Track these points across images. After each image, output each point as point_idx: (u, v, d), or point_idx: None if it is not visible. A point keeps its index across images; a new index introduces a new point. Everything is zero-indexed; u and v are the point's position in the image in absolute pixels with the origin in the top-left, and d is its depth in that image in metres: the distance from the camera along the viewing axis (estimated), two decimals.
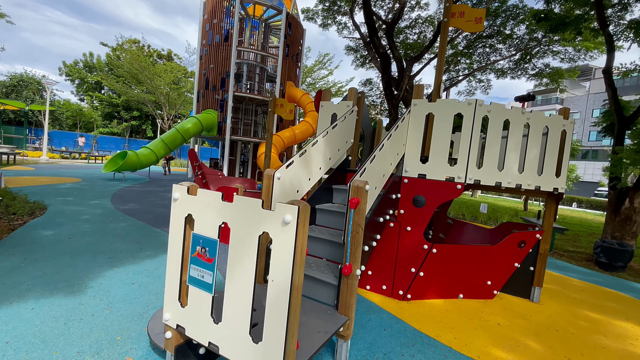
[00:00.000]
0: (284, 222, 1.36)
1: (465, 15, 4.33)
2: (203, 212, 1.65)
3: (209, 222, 1.63)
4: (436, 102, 3.24)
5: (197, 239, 1.68)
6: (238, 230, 1.53)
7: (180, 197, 1.76)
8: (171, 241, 1.81)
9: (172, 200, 1.80)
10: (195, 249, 1.69)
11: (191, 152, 6.86)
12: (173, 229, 1.80)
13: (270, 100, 5.84)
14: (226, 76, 14.41)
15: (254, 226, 1.46)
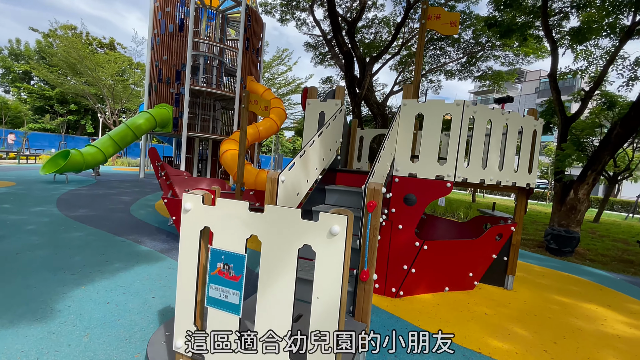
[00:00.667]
0: (331, 233, 1.26)
1: (441, 18, 4.48)
2: (225, 225, 1.48)
3: (234, 236, 1.46)
4: (426, 103, 3.30)
5: (217, 255, 1.50)
6: (271, 244, 1.39)
7: (194, 207, 1.55)
8: (182, 258, 1.60)
9: (183, 211, 1.58)
10: (216, 266, 1.51)
11: (152, 150, 6.28)
12: (184, 244, 1.59)
13: (244, 96, 5.55)
14: (182, 68, 13.50)
15: (292, 239, 1.33)
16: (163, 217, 6.44)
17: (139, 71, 27.23)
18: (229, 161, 11.41)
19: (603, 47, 11.23)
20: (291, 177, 2.54)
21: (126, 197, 8.37)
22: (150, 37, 13.93)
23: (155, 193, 9.74)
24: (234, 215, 1.45)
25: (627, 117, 5.84)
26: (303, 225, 1.31)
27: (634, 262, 6.47)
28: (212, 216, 1.50)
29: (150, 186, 11.40)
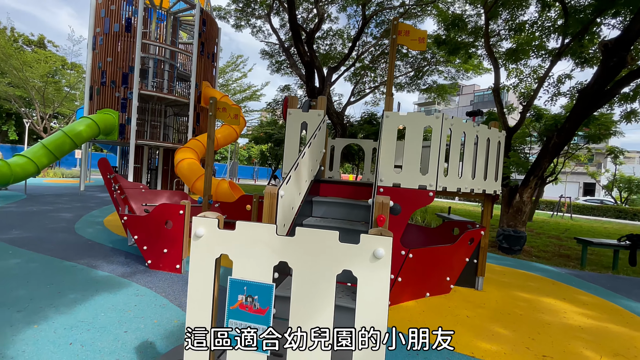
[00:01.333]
0: (375, 256, 1.20)
1: (410, 34, 4.69)
2: (247, 252, 1.34)
3: (259, 264, 1.33)
4: (407, 115, 3.41)
5: (238, 286, 1.35)
6: (305, 271, 1.28)
7: (208, 233, 1.39)
8: (192, 292, 1.41)
9: (194, 237, 1.40)
10: (236, 299, 1.35)
11: (103, 161, 5.63)
12: (196, 276, 1.41)
13: (211, 103, 5.25)
14: (129, 71, 12.49)
15: (329, 265, 1.24)
16: (117, 236, 5.80)
17: (73, 72, 24.62)
18: (186, 171, 10.78)
19: (531, 67, 12.78)
20: (287, 191, 2.43)
21: (67, 214, 7.41)
22: (92, 37, 12.69)
23: (101, 208, 8.78)
24: (258, 240, 1.32)
25: (562, 129, 6.66)
26: (342, 249, 1.23)
27: (570, 257, 7.32)
28: (231, 242, 1.35)
29: (94, 200, 10.26)
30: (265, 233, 1.31)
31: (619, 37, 5.29)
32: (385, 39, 18.82)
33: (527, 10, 9.35)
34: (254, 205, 6.50)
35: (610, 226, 16.61)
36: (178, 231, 4.03)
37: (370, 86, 22.74)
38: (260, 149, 30.96)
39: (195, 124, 14.17)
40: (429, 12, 17.32)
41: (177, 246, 4.04)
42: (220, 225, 1.38)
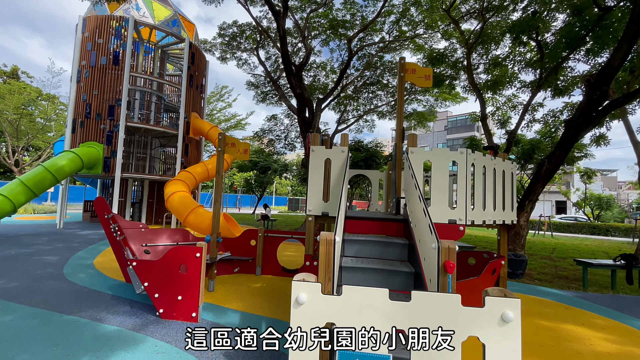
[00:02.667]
0: (503, 320, 1.14)
1: (417, 72, 4.91)
2: (357, 319, 1.24)
3: (371, 333, 1.23)
4: (433, 151, 3.48)
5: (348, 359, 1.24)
6: (426, 340, 1.20)
7: (311, 299, 1.29)
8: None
9: (294, 304, 1.30)
10: None
11: (100, 201, 5.32)
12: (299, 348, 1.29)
13: (219, 137, 5.17)
14: (116, 103, 12.23)
15: (452, 331, 1.17)
16: (113, 280, 5.39)
17: (46, 103, 23.80)
18: (177, 205, 10.41)
19: (506, 96, 13.70)
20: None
21: (52, 257, 6.85)
22: (77, 69, 12.43)
23: (87, 248, 8.20)
24: (369, 305, 1.23)
25: (552, 156, 7.04)
26: (465, 313, 1.17)
27: (569, 278, 7.48)
28: (338, 309, 1.26)
29: (76, 239, 9.60)
30: (376, 298, 1.23)
31: (599, 72, 5.79)
32: (367, 71, 19.76)
33: (506, 48, 10.14)
34: (259, 240, 6.31)
35: (590, 243, 17.30)
36: (194, 276, 3.79)
37: (354, 115, 23.46)
38: (245, 177, 30.57)
39: (183, 155, 13.88)
40: (407, 46, 18.39)
41: (193, 292, 3.78)
42: (325, 291, 1.28)
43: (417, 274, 2.73)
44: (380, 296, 1.22)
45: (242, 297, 4.71)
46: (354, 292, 1.24)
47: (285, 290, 5.17)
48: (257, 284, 5.51)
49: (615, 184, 59.11)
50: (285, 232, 6.37)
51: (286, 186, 54.72)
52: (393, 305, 1.20)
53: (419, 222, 2.67)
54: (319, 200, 3.60)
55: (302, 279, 1.31)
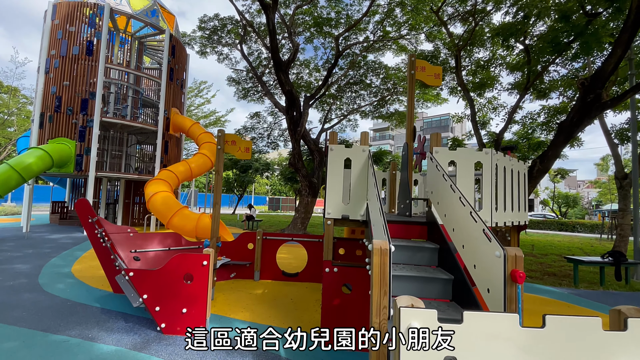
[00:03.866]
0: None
1: (426, 70, 4.80)
2: (482, 351, 1.05)
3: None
4: (458, 151, 3.36)
5: None
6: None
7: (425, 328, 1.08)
8: None
9: (404, 335, 1.08)
10: None
11: (82, 202, 4.80)
12: None
13: (219, 135, 4.82)
14: (89, 97, 11.36)
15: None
16: (98, 291, 4.90)
17: (7, 96, 21.89)
18: (160, 206, 9.83)
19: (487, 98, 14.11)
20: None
21: (23, 265, 6.18)
22: (45, 59, 11.43)
23: (61, 254, 7.51)
24: (496, 334, 1.04)
25: (544, 155, 7.22)
26: (607, 338, 1.01)
27: (557, 275, 7.73)
28: (459, 340, 1.06)
29: (47, 244, 8.80)
30: (505, 324, 1.05)
31: (593, 76, 5.99)
32: (351, 71, 19.71)
33: (487, 52, 10.37)
34: (258, 243, 5.99)
35: (561, 239, 18.24)
36: (201, 286, 3.46)
37: (337, 114, 23.38)
38: (227, 176, 29.72)
39: (163, 153, 13.16)
40: (390, 47, 18.51)
41: (200, 305, 3.45)
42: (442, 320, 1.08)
43: (456, 280, 2.59)
44: (510, 322, 1.04)
45: (246, 306, 4.41)
46: (477, 319, 1.05)
47: (291, 296, 4.92)
48: (258, 290, 5.21)
49: (575, 183, 63.20)
50: (284, 235, 6.10)
51: (264, 185, 53.92)
52: (525, 333, 1.02)
53: (461, 226, 2.53)
54: (338, 202, 3.39)
55: (411, 304, 1.10)
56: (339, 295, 3.30)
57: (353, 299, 3.28)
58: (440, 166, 3.08)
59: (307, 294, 5.13)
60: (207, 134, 13.33)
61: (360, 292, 3.28)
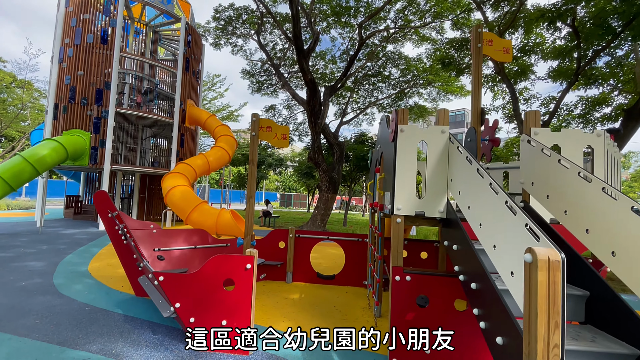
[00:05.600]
0: None
1: (494, 44, 4.14)
2: None
3: None
4: (562, 132, 2.71)
5: None
6: None
7: None
8: None
9: None
10: None
11: (101, 195, 4.30)
12: None
13: (253, 119, 4.24)
14: (104, 87, 10.94)
15: None
16: (120, 293, 4.41)
17: (21, 90, 21.77)
18: (179, 201, 9.35)
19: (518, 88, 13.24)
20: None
21: (37, 263, 5.74)
22: (59, 48, 11.04)
23: (76, 250, 7.09)
24: None
25: None
26: None
27: None
28: None
29: (61, 240, 8.41)
30: None
31: None
32: (369, 62, 18.97)
33: (538, 34, 9.56)
34: (290, 242, 5.42)
35: None
36: (244, 294, 2.90)
37: (353, 107, 22.68)
38: (238, 171, 29.36)
39: (179, 146, 12.70)
40: (410, 37, 17.69)
41: (243, 316, 2.90)
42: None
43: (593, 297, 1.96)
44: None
45: (286, 314, 3.85)
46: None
47: (333, 303, 4.34)
48: (294, 295, 4.65)
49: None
50: (319, 233, 5.52)
51: (274, 182, 53.53)
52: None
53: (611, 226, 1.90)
54: (410, 196, 2.78)
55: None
56: (412, 309, 2.70)
57: (430, 315, 2.68)
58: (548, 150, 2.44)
59: (350, 300, 4.55)
60: (224, 126, 12.83)
61: (439, 307, 2.67)
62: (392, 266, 2.77)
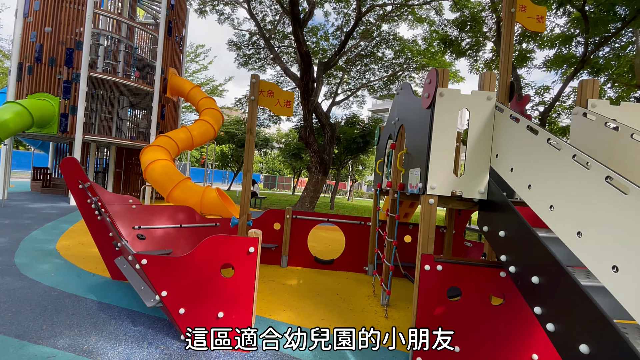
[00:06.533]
0: None
1: (527, 10, 3.71)
2: None
3: None
4: (621, 106, 2.36)
5: None
6: None
7: None
8: None
9: None
10: None
11: (69, 162, 3.67)
12: None
13: (253, 81, 3.67)
14: (76, 47, 9.83)
15: None
16: (94, 276, 3.86)
17: None
18: (160, 176, 8.65)
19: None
20: None
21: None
22: (24, 0, 9.75)
23: (44, 226, 6.38)
24: None
25: None
26: None
27: None
28: None
29: (27, 214, 7.62)
30: None
31: None
32: (363, 41, 18.25)
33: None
34: (287, 223, 4.97)
35: None
36: (245, 282, 2.46)
37: (343, 88, 22.02)
38: (221, 150, 28.30)
39: (159, 118, 11.79)
40: (406, 17, 17.06)
41: (244, 307, 2.46)
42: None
43: None
44: None
45: (285, 302, 3.46)
46: None
47: (335, 290, 3.98)
48: (292, 280, 4.26)
49: None
50: (318, 215, 5.10)
51: (257, 163, 52.43)
52: None
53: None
54: (447, 173, 2.38)
55: None
56: (442, 302, 2.35)
57: (463, 309, 2.34)
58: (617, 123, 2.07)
59: (352, 287, 4.21)
60: (209, 99, 11.98)
61: (473, 300, 2.33)
62: (421, 254, 2.38)
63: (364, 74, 20.91)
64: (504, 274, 2.30)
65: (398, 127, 3.50)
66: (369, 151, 19.11)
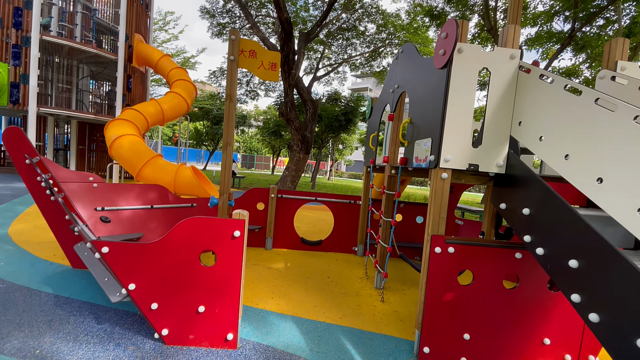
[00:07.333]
0: None
1: None
2: None
3: None
4: None
5: None
6: None
7: None
8: None
9: None
10: None
11: (12, 132, 3.07)
12: None
13: (232, 38, 3.15)
14: (25, 6, 8.59)
15: None
16: (51, 264, 3.37)
17: None
18: (128, 152, 7.95)
19: None
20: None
21: None
22: None
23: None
24: None
25: None
26: None
27: None
28: None
29: None
30: None
31: None
32: (344, 13, 17.46)
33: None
34: (271, 203, 4.61)
35: None
36: (230, 271, 2.11)
37: (324, 63, 21.27)
38: (195, 127, 26.96)
39: (125, 89, 10.79)
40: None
41: (229, 299, 2.12)
42: None
43: None
44: None
45: (274, 289, 3.16)
46: None
47: (326, 274, 3.72)
48: (279, 264, 3.96)
49: None
50: (305, 194, 4.76)
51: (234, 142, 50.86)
52: None
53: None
54: (464, 143, 2.09)
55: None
56: (453, 287, 2.12)
57: (475, 294, 2.12)
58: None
59: (343, 269, 3.97)
60: (180, 69, 11.03)
61: (486, 285, 2.12)
62: (431, 235, 2.12)
63: (346, 49, 20.21)
64: (519, 254, 2.09)
65: (398, 95, 3.15)
66: (351, 129, 18.78)
